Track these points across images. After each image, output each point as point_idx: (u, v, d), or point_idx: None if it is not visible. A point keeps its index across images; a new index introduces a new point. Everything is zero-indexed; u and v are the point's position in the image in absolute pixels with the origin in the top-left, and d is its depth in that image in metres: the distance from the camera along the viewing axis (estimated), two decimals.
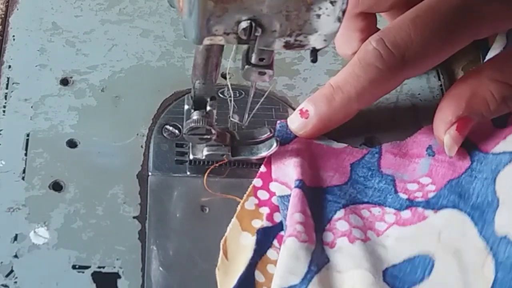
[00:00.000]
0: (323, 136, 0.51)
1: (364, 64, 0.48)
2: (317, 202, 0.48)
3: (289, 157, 0.49)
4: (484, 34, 0.49)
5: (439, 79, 0.57)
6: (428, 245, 0.46)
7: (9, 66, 0.53)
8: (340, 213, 0.47)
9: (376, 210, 0.48)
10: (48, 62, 0.54)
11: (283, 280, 0.43)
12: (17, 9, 0.57)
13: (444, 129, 0.48)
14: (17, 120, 0.50)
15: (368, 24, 0.53)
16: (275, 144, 0.48)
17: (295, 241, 0.44)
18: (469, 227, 0.46)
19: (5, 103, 0.51)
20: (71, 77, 0.53)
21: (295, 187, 0.47)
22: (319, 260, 0.45)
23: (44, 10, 0.57)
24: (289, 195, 0.47)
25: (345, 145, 0.52)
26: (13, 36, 0.55)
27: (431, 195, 0.48)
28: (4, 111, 0.51)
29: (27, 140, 0.49)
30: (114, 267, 0.45)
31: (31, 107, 0.51)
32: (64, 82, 0.53)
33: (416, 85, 0.56)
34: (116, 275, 0.44)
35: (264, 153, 0.48)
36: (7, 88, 0.52)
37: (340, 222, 0.47)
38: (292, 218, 0.45)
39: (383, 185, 0.49)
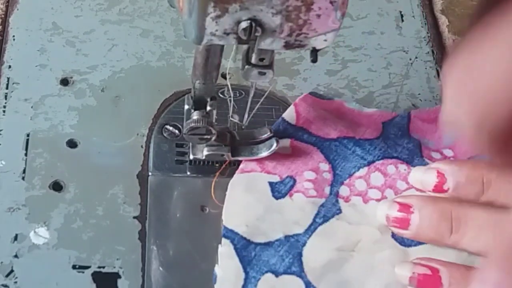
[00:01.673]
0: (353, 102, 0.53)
1: None
2: (343, 154, 0.49)
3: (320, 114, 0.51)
4: None
5: (439, 79, 0.57)
6: None
7: (9, 66, 0.53)
8: (363, 171, 0.49)
9: (402, 167, 0.49)
10: (48, 62, 0.54)
11: (287, 228, 0.45)
12: (17, 9, 0.57)
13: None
14: (17, 120, 0.50)
15: None
16: (275, 144, 0.48)
17: (302, 196, 0.47)
18: None
19: (5, 103, 0.51)
20: (71, 77, 0.53)
21: (307, 142, 0.49)
22: (328, 212, 0.47)
23: (44, 10, 0.57)
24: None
25: (376, 109, 0.53)
26: (13, 36, 0.55)
27: None
28: (4, 111, 0.51)
29: (27, 140, 0.49)
30: (114, 267, 0.45)
31: (31, 107, 0.51)
32: (64, 82, 0.53)
33: (416, 85, 0.56)
34: (116, 275, 0.44)
35: (264, 153, 0.48)
36: (7, 88, 0.52)
37: (359, 181, 0.48)
38: (302, 176, 0.48)
39: (411, 146, 0.50)
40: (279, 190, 0.47)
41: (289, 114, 0.51)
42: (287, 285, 0.44)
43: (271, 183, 0.48)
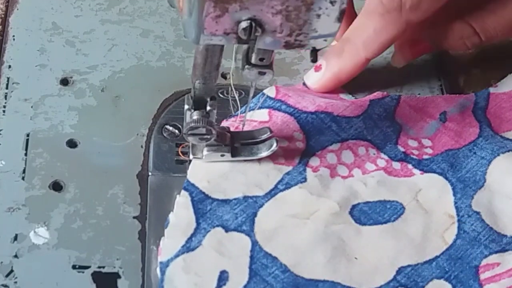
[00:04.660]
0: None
1: (368, 12, 0.50)
2: (319, 127, 0.50)
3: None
4: None
5: (439, 79, 0.57)
6: (404, 197, 0.48)
7: (9, 66, 0.53)
8: (335, 146, 0.49)
9: (372, 151, 0.50)
10: (48, 62, 0.54)
11: (248, 189, 0.46)
12: (17, 9, 0.57)
13: None
14: (17, 120, 0.50)
15: None
16: (275, 144, 0.47)
17: (269, 162, 0.48)
18: (448, 194, 0.48)
19: (5, 103, 0.51)
20: (71, 77, 0.53)
21: (285, 112, 0.50)
22: (292, 180, 0.47)
23: (44, 10, 0.57)
24: None
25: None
26: (13, 36, 0.55)
27: (425, 157, 0.50)
28: (4, 111, 0.51)
29: (27, 140, 0.49)
30: (114, 267, 0.45)
31: (31, 107, 0.51)
32: (64, 82, 0.53)
33: (416, 85, 0.56)
34: (116, 275, 0.44)
35: (264, 153, 0.48)
36: (7, 88, 0.52)
37: (331, 154, 0.49)
38: None
39: (390, 130, 0.51)
40: None
41: (269, 90, 0.52)
42: (234, 241, 0.45)
43: None
